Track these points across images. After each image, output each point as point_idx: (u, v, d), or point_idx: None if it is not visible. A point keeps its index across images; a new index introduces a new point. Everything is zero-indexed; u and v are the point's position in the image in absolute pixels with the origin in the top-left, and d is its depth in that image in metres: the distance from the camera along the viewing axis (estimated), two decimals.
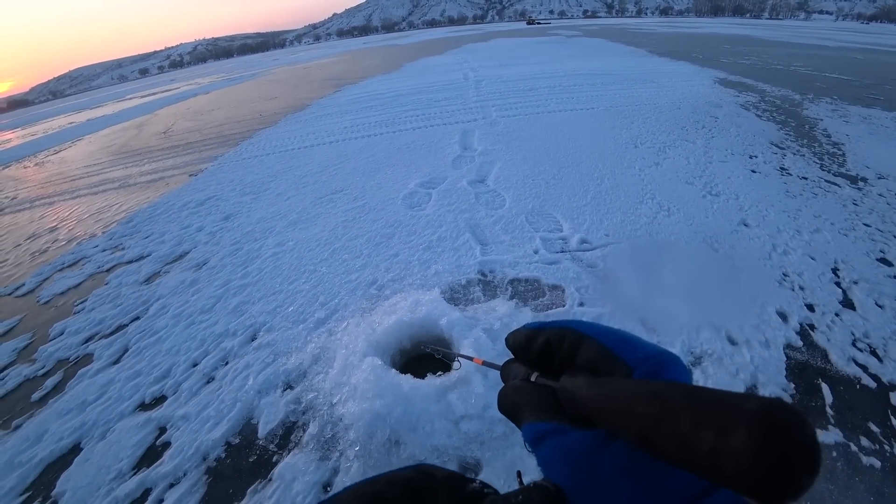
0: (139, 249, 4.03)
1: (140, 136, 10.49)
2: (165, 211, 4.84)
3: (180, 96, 19.67)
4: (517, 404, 0.33)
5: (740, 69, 11.76)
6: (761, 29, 39.93)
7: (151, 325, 2.88)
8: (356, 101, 9.94)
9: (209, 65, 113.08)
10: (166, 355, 2.57)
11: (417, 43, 37.07)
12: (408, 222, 3.67)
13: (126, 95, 30.42)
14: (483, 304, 2.52)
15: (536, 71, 11.91)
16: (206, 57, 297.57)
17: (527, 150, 5.22)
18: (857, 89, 9.00)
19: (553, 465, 0.27)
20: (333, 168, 5.33)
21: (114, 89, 57.61)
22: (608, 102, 7.61)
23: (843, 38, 27.56)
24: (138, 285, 3.43)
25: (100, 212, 5.33)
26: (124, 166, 7.51)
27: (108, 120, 15.57)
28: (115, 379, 2.47)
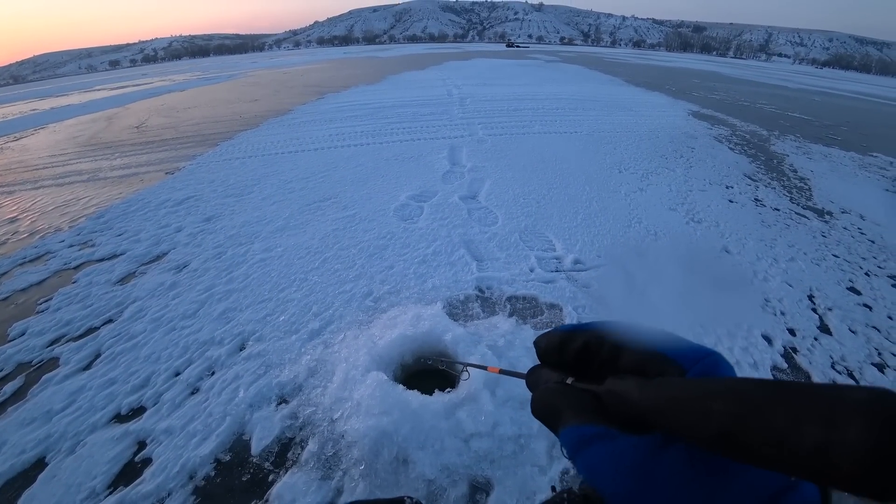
0: (111, 247, 3.80)
1: (110, 128, 10.03)
2: (141, 208, 4.60)
3: (154, 91, 19.02)
4: (556, 407, 0.30)
5: (711, 103, 12.42)
6: (728, 67, 42.42)
7: (127, 328, 2.70)
8: (340, 110, 9.85)
9: (184, 62, 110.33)
10: (145, 362, 2.40)
11: (399, 56, 37.36)
12: (401, 234, 3.61)
13: (94, 86, 29.14)
14: (484, 321, 2.49)
15: (519, 92, 12.18)
16: (181, 54, 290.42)
17: (515, 169, 5.28)
18: (818, 129, 9.69)
19: (600, 471, 0.25)
20: (320, 175, 5.23)
21: (81, 79, 55.22)
22: (590, 127, 7.84)
23: (802, 80, 29.72)
24: (111, 285, 3.23)
25: (66, 205, 5.02)
26: (93, 159, 7.14)
27: (74, 110, 14.82)
28: (85, 386, 2.29)
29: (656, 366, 0.27)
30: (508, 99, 10.95)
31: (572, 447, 0.27)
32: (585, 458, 0.26)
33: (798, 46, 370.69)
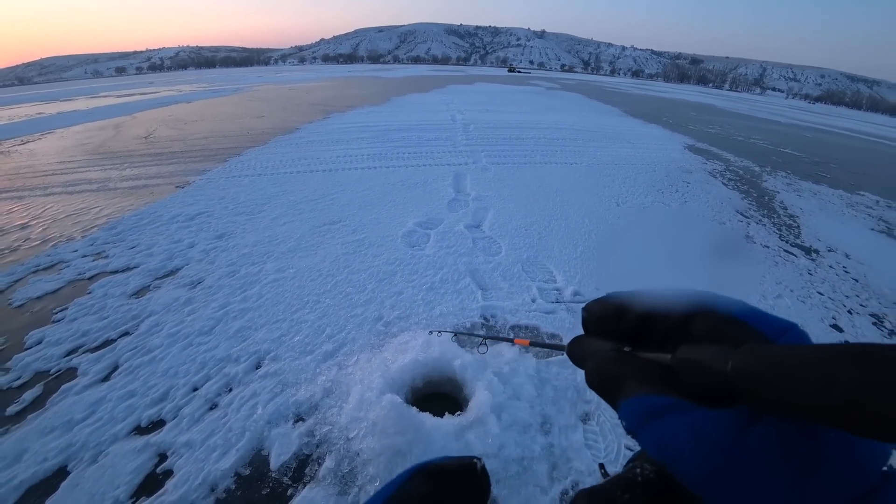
0: (125, 259, 3.91)
1: (118, 137, 10.18)
2: (152, 222, 4.72)
3: (161, 101, 19.27)
4: (618, 375, 0.27)
5: (706, 137, 12.87)
6: (723, 99, 43.75)
7: (144, 342, 2.80)
8: (346, 131, 10.09)
9: (190, 72, 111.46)
10: (163, 377, 2.50)
11: (402, 78, 38.15)
12: (409, 261, 3.76)
13: (100, 92, 29.40)
14: (490, 348, 2.62)
15: (521, 120, 12.54)
16: (187, 64, 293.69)
17: (518, 200, 5.47)
18: (808, 166, 10.12)
19: (675, 445, 0.22)
20: (329, 197, 5.39)
21: (87, 83, 55.58)
22: (590, 158, 8.12)
23: (794, 115, 30.80)
24: (126, 298, 3.33)
25: (77, 213, 5.13)
26: (102, 168, 7.27)
27: (81, 116, 14.98)
28: (105, 398, 2.38)
29: (737, 335, 0.24)
30: (510, 127, 11.28)
31: (638, 418, 0.25)
32: (656, 431, 0.24)
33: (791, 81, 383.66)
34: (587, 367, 0.31)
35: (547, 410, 2.20)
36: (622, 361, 0.28)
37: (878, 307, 3.84)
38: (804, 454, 0.20)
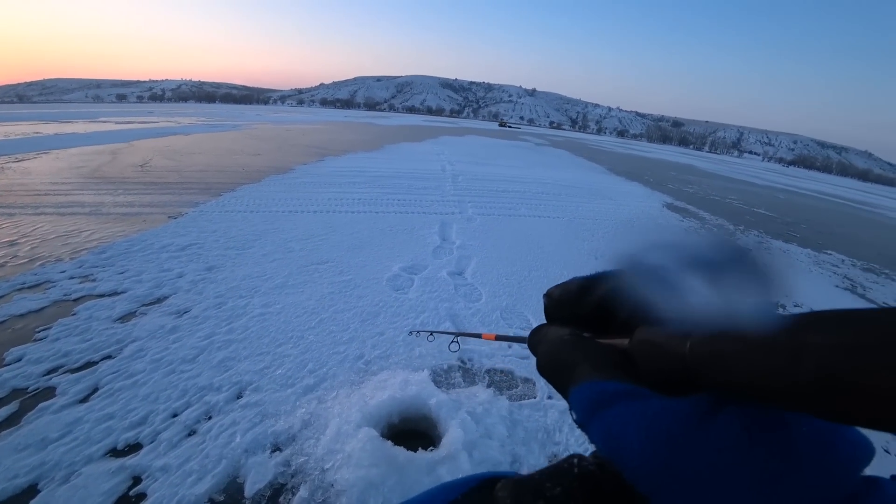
0: (113, 284, 3.97)
1: (114, 163, 10.33)
2: (143, 249, 4.81)
3: (159, 131, 19.62)
4: (570, 360, 0.26)
5: (684, 196, 13.64)
6: (703, 161, 46.33)
7: (126, 366, 2.84)
8: (339, 175, 10.43)
9: (190, 105, 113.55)
10: (143, 401, 2.54)
11: (397, 126, 39.52)
12: (392, 303, 3.91)
13: (99, 117, 29.81)
14: (465, 390, 2.75)
15: (508, 174, 13.14)
16: (188, 97, 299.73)
17: (501, 250, 5.72)
18: (779, 226, 10.83)
19: (624, 437, 0.20)
20: (318, 238, 5.56)
21: (87, 107, 56.20)
22: (572, 214, 8.53)
23: (769, 178, 32.81)
24: (111, 322, 3.38)
25: (68, 235, 5.19)
26: (96, 192, 7.37)
27: (78, 139, 15.15)
28: (82, 419, 2.41)
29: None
30: (498, 179, 11.82)
31: (588, 406, 0.23)
32: (605, 421, 0.22)
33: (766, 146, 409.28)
34: (538, 352, 0.29)
35: (517, 450, 2.31)
36: (575, 346, 0.27)
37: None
38: (772, 451, 0.17)
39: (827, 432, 0.18)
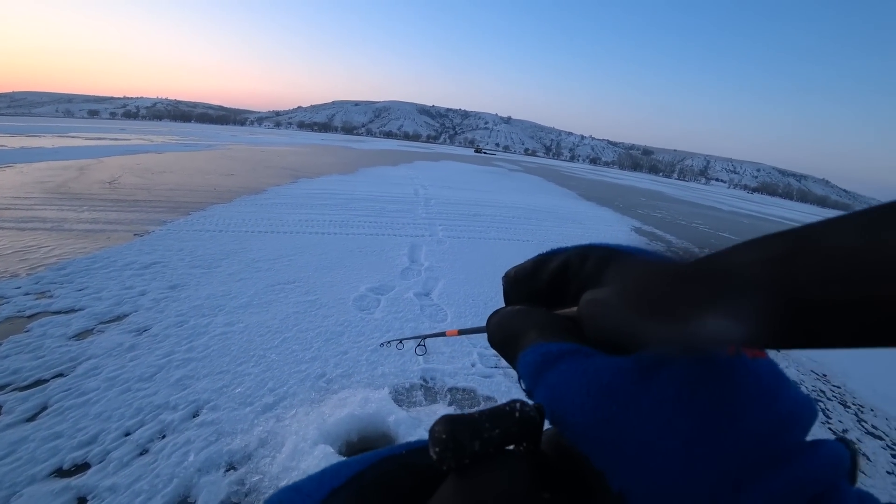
0: (70, 301, 3.88)
1: (81, 179, 10.10)
2: (105, 266, 4.71)
3: (130, 149, 19.28)
4: (518, 328, 0.26)
5: (653, 221, 14.19)
6: (671, 187, 48.18)
7: (79, 384, 2.77)
8: (312, 196, 10.46)
9: (164, 124, 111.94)
10: (94, 419, 2.49)
11: (373, 150, 39.90)
12: (357, 323, 3.93)
13: (69, 132, 29.08)
14: (425, 408, 2.78)
15: (480, 198, 13.40)
16: (163, 116, 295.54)
17: (468, 272, 5.82)
18: None
19: (568, 394, 0.20)
20: (287, 258, 5.56)
21: (57, 122, 54.76)
22: (542, 237, 8.72)
23: (734, 204, 34.35)
24: (66, 339, 3.29)
25: (26, 251, 5.03)
26: (60, 208, 7.18)
27: (46, 153, 14.73)
28: (28, 437, 2.33)
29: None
30: (470, 204, 12.04)
31: (534, 370, 0.22)
32: (549, 381, 0.21)
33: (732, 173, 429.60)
34: (489, 324, 0.29)
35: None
36: (524, 314, 0.27)
37: (796, 374, 4.27)
38: (714, 401, 0.17)
39: (769, 388, 0.18)
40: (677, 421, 0.17)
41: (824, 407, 3.72)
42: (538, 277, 0.29)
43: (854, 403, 3.89)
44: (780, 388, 0.19)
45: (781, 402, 0.18)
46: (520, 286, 0.31)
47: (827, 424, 3.45)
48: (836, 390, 4.05)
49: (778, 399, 0.18)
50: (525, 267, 0.31)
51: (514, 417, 0.21)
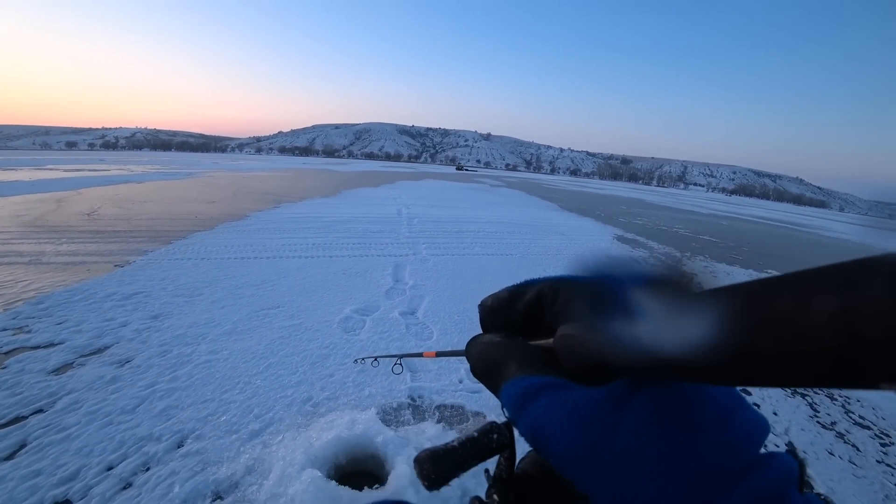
0: (49, 335, 3.81)
1: (59, 212, 9.95)
2: (85, 299, 4.64)
3: (110, 179, 19.07)
4: (499, 360, 0.27)
5: (634, 228, 14.45)
6: (651, 194, 49.12)
7: (59, 420, 2.72)
8: (294, 221, 10.44)
9: (145, 153, 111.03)
10: (76, 455, 2.44)
11: (355, 172, 40.00)
12: (343, 345, 3.93)
13: (46, 165, 28.64)
14: (413, 426, 2.79)
15: (463, 215, 13.54)
16: (142, 145, 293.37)
17: (453, 288, 5.86)
18: (723, 250, 11.70)
19: (551, 425, 0.22)
20: (270, 284, 5.54)
21: (33, 155, 53.87)
22: (524, 250, 8.83)
23: (713, 206, 35.16)
24: (45, 374, 3.23)
25: (2, 286, 4.94)
26: (37, 241, 7.06)
27: (22, 187, 14.50)
28: (5, 477, 2.27)
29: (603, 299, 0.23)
30: (453, 221, 12.14)
31: (517, 402, 0.24)
32: (531, 413, 0.23)
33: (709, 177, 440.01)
34: (471, 355, 0.30)
35: (466, 483, 2.32)
36: (505, 347, 0.28)
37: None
38: (681, 427, 0.19)
39: (727, 411, 0.20)
40: (648, 446, 0.19)
41: (811, 401, 3.82)
42: (514, 308, 0.30)
43: (840, 395, 4.01)
44: (736, 409, 0.21)
45: (738, 423, 0.20)
46: (495, 316, 0.32)
47: (815, 419, 3.55)
48: None
49: (735, 419, 0.20)
50: (501, 296, 0.32)
51: (491, 446, 0.24)
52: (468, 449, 0.25)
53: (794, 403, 3.74)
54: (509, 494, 0.26)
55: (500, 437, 0.25)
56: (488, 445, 0.25)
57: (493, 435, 0.25)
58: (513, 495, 0.26)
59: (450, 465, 0.24)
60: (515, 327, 0.31)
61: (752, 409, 0.22)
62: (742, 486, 0.18)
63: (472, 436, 0.26)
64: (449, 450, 0.25)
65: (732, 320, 0.15)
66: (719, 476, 0.18)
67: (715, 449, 0.19)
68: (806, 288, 0.13)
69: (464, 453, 0.25)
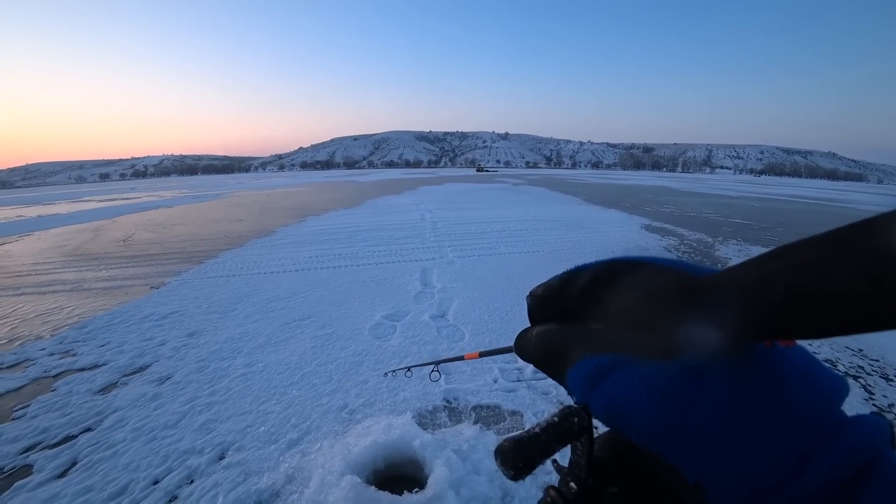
0: (94, 357, 3.95)
1: (97, 240, 10.40)
2: (125, 321, 4.81)
3: (142, 206, 19.85)
4: (562, 345, 0.27)
5: (662, 216, 13.98)
6: (677, 181, 47.73)
7: (107, 437, 2.80)
8: (320, 233, 10.59)
9: (172, 179, 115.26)
10: (123, 471, 2.50)
11: (376, 181, 40.34)
12: (375, 351, 3.93)
13: (82, 197, 30.16)
14: (450, 428, 2.75)
15: (486, 216, 13.42)
16: (170, 171, 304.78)
17: (482, 289, 5.80)
18: (756, 232, 11.18)
19: (629, 400, 0.22)
20: (300, 295, 5.61)
21: (70, 188, 56.75)
22: (550, 246, 8.66)
23: (742, 189, 33.93)
24: (92, 395, 3.35)
25: (48, 313, 5.17)
26: (78, 269, 7.39)
27: (61, 219, 15.29)
28: (59, 494, 2.36)
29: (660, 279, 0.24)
30: (477, 222, 12.05)
31: (587, 382, 0.24)
32: (605, 391, 0.23)
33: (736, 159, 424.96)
34: (529, 345, 0.30)
35: (507, 484, 2.28)
36: (565, 332, 0.28)
37: (830, 352, 4.12)
38: (765, 390, 0.19)
39: (806, 372, 0.21)
40: (735, 411, 0.19)
41: (865, 383, 3.59)
42: (567, 294, 0.30)
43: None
44: (815, 370, 0.21)
45: (820, 382, 0.21)
46: (548, 304, 0.31)
47: (871, 400, 3.33)
48: (875, 364, 3.91)
49: (816, 380, 0.21)
50: (552, 284, 0.31)
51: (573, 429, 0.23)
52: (551, 434, 0.23)
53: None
54: (588, 480, 0.25)
55: (580, 420, 0.23)
56: (570, 429, 0.23)
57: (573, 419, 0.23)
58: (591, 480, 0.25)
59: (534, 451, 0.23)
60: (568, 314, 0.30)
61: (829, 369, 0.22)
62: (838, 443, 0.18)
63: (553, 420, 0.24)
64: (532, 436, 0.23)
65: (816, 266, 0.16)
66: (812, 434, 0.19)
67: (802, 408, 0.19)
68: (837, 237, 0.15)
69: (547, 439, 0.23)
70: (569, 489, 0.25)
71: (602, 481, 0.25)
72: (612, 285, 0.27)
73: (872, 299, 0.14)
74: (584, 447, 0.24)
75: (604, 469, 0.25)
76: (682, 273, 0.24)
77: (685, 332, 0.20)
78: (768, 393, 0.20)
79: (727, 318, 0.19)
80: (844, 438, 0.18)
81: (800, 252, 0.17)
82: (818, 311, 0.16)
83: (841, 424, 0.19)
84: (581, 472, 0.25)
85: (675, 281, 0.23)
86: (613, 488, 0.25)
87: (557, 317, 0.30)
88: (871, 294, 0.14)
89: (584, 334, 0.27)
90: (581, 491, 0.25)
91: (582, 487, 0.25)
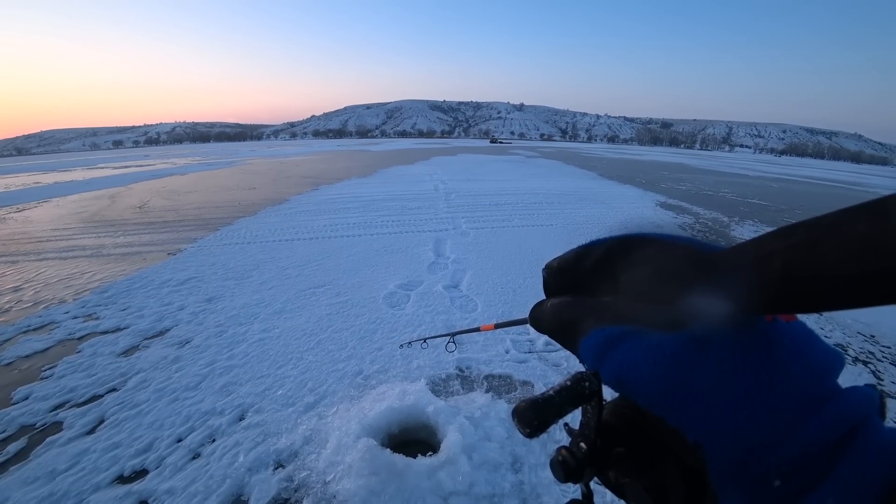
0: (116, 321, 4.06)
1: (113, 207, 10.55)
2: (144, 286, 4.91)
3: (156, 173, 19.99)
4: (576, 316, 0.28)
5: (678, 194, 13.72)
6: (694, 158, 46.58)
7: (131, 397, 2.90)
8: (333, 202, 10.59)
9: (185, 146, 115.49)
10: (148, 429, 2.60)
11: (389, 151, 39.90)
12: (389, 320, 3.98)
13: (97, 164, 30.45)
14: (463, 396, 2.80)
15: (500, 188, 13.28)
16: (182, 139, 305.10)
17: (495, 260, 5.79)
18: (774, 213, 10.91)
19: (637, 366, 0.23)
20: (315, 263, 5.66)
21: (84, 155, 57.27)
22: (565, 220, 8.58)
23: (762, 168, 32.97)
24: (115, 356, 3.45)
25: (70, 278, 5.30)
26: (96, 235, 7.52)
27: (77, 186, 15.50)
28: (89, 449, 2.46)
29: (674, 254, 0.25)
30: (491, 194, 11.94)
31: (598, 351, 0.25)
32: (615, 359, 0.24)
33: (757, 138, 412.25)
34: (544, 316, 0.31)
35: (517, 451, 2.34)
36: (579, 303, 0.29)
37: (842, 337, 4.10)
38: (763, 359, 0.21)
39: (803, 344, 0.22)
40: (735, 378, 0.21)
41: (874, 369, 3.56)
42: (582, 267, 0.31)
43: None
44: (812, 343, 0.23)
45: (815, 354, 0.22)
46: (563, 276, 0.32)
47: (879, 386, 3.30)
48: (887, 351, 3.86)
49: (813, 352, 0.22)
50: (567, 258, 0.32)
51: (584, 393, 0.25)
52: (564, 396, 0.25)
53: (855, 371, 3.49)
54: (597, 441, 0.27)
55: (591, 384, 0.25)
56: (581, 392, 0.25)
57: (584, 383, 0.25)
58: (600, 441, 0.27)
59: (548, 411, 0.25)
60: (583, 287, 0.31)
61: (825, 343, 0.23)
62: (828, 409, 0.20)
63: (566, 384, 0.26)
64: (546, 398, 0.25)
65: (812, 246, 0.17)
66: (805, 401, 0.20)
67: (797, 377, 0.21)
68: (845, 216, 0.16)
69: (560, 401, 0.25)
70: (579, 449, 0.27)
71: (610, 442, 0.27)
72: (624, 259, 0.28)
73: (860, 279, 0.15)
74: (594, 411, 0.26)
75: (612, 431, 0.27)
76: (691, 248, 0.25)
77: (691, 304, 0.21)
78: (766, 362, 0.21)
79: (733, 292, 0.20)
80: (834, 405, 0.20)
81: (799, 232, 0.18)
82: (813, 289, 0.17)
83: (833, 393, 0.21)
84: (591, 434, 0.27)
85: (685, 255, 0.24)
86: (620, 448, 0.27)
87: (572, 289, 0.31)
88: (858, 274, 0.15)
89: (597, 306, 0.28)
90: (590, 450, 0.26)
91: (591, 447, 0.27)
